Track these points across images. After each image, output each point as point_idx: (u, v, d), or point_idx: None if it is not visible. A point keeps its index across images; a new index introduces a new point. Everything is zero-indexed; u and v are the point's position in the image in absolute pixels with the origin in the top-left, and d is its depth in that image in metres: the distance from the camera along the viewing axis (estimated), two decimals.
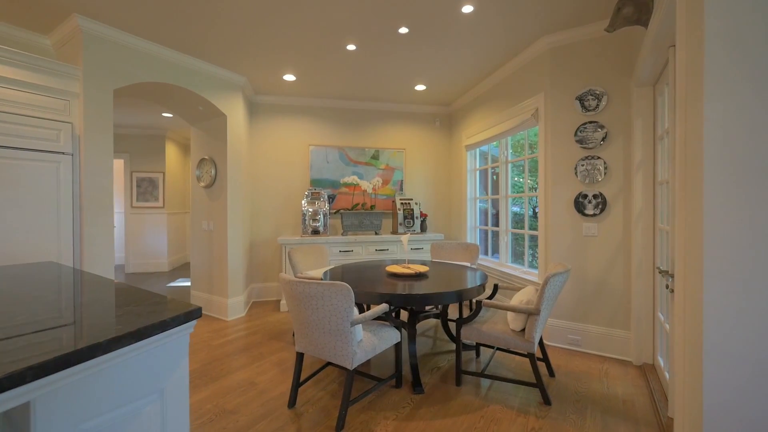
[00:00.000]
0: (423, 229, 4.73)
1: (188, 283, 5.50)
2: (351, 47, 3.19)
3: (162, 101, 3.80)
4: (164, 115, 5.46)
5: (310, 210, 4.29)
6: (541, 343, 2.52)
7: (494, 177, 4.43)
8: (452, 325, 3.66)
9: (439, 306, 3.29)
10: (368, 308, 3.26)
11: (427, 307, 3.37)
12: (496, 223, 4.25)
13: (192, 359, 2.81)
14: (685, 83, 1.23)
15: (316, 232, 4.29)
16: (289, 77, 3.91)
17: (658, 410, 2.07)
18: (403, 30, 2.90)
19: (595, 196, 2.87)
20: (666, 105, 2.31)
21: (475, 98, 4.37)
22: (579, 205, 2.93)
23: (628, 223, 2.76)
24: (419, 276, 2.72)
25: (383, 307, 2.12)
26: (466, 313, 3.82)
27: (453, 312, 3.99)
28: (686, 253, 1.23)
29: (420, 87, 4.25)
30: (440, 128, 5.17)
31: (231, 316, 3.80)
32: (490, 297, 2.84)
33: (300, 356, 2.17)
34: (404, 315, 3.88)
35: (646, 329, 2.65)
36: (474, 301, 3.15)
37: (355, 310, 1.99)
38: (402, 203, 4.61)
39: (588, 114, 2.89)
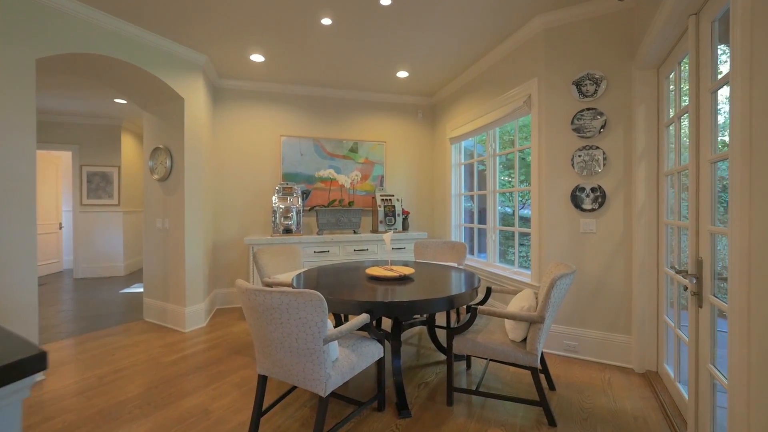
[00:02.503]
0: (405, 227, 4.42)
1: None
2: (326, 21, 2.83)
3: (107, 81, 3.28)
4: (117, 101, 4.88)
5: (282, 207, 3.89)
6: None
7: (476, 174, 4.17)
8: (440, 332, 3.35)
9: None
10: (346, 318, 2.90)
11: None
12: (482, 221, 3.99)
13: (136, 382, 2.36)
14: (751, 23, 0.96)
15: (288, 231, 3.89)
16: (257, 57, 3.49)
17: (674, 427, 1.83)
18: (386, 1, 2.56)
19: (593, 190, 2.64)
20: (676, 85, 2.09)
21: (461, 87, 4.10)
22: (576, 199, 2.69)
23: (629, 218, 2.54)
24: (404, 279, 2.39)
25: (363, 318, 1.78)
26: (453, 317, 3.53)
27: (440, 317, 3.69)
28: (750, 255, 0.97)
29: (402, 74, 3.93)
30: (423, 120, 4.87)
31: (189, 327, 3.34)
32: (483, 301, 2.55)
33: (263, 379, 1.79)
34: (386, 321, 3.54)
35: (649, 334, 2.43)
36: (467, 307, 2.84)
37: (329, 323, 1.64)
38: (383, 200, 4.28)
39: (585, 100, 2.66)
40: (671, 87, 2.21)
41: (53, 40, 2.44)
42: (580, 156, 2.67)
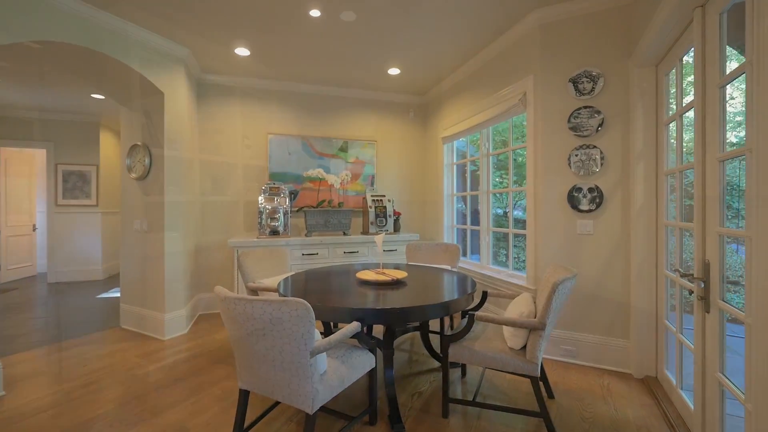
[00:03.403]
0: (396, 228, 4.30)
1: None
2: (314, 13, 2.70)
3: (80, 73, 3.08)
4: (94, 96, 4.64)
5: (269, 207, 3.73)
6: None
7: (469, 174, 4.09)
8: (434, 337, 3.24)
9: None
10: (335, 326, 2.77)
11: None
12: (474, 222, 3.91)
13: (108, 397, 2.18)
14: None
15: (275, 232, 3.73)
16: (242, 51, 3.33)
17: None
18: None
19: (590, 190, 2.57)
20: (678, 82, 2.03)
21: (454, 85, 4.01)
22: (573, 199, 2.62)
23: (627, 219, 2.48)
24: (396, 284, 2.27)
25: (354, 326, 1.65)
26: (447, 322, 3.42)
27: (433, 321, 3.58)
28: None
29: (394, 71, 3.82)
30: (414, 119, 4.77)
31: (169, 335, 3.16)
32: (479, 306, 2.45)
33: (244, 394, 1.65)
34: (378, 326, 3.42)
35: (648, 338, 2.37)
36: (462, 312, 2.74)
37: (317, 333, 1.51)
38: (373, 200, 4.16)
39: (582, 98, 2.59)
40: (672, 84, 2.15)
41: (14, 26, 2.24)
42: (576, 155, 2.60)
